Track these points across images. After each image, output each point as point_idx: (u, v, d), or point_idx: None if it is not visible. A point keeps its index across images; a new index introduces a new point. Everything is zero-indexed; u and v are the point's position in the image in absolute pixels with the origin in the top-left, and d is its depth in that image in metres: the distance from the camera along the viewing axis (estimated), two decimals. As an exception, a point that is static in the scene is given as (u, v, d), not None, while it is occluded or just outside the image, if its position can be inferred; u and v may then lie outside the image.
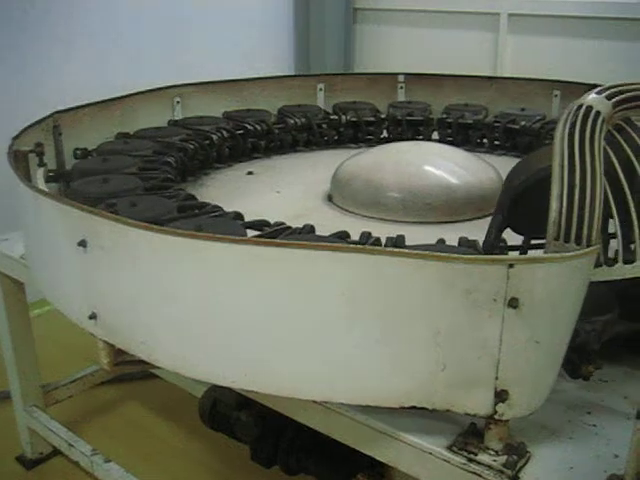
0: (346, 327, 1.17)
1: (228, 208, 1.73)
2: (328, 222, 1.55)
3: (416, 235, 1.48)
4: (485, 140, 2.75)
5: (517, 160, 1.56)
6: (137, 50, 3.65)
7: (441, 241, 1.51)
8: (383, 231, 1.49)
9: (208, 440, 2.32)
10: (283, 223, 1.60)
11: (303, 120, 2.78)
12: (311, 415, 1.42)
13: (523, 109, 2.75)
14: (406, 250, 1.11)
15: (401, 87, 3.12)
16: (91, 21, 3.48)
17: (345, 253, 1.14)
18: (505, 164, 1.78)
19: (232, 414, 1.88)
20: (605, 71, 3.65)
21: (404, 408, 1.22)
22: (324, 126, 2.84)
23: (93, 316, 1.46)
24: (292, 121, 2.76)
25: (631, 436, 1.06)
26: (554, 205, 1.17)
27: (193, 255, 1.25)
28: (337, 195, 2.06)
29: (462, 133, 2.76)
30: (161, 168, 2.06)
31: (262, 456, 1.88)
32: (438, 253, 1.09)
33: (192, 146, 2.35)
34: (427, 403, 1.21)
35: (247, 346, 1.26)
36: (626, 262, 1.21)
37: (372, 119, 2.87)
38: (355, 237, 1.55)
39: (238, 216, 1.69)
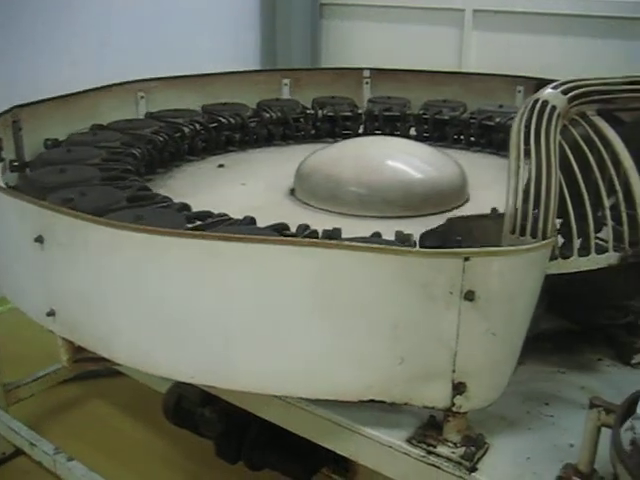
0: (304, 322, 1.17)
1: (191, 200, 1.72)
2: (285, 215, 1.55)
3: (371, 230, 1.48)
4: (462, 136, 2.76)
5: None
6: (101, 45, 3.62)
7: (377, 235, 1.50)
8: (338, 225, 1.49)
9: (173, 437, 2.30)
10: (226, 215, 1.60)
11: (279, 114, 2.78)
12: (272, 410, 1.42)
13: (501, 106, 2.76)
14: (363, 244, 1.11)
15: (366, 82, 3.12)
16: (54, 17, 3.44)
17: (302, 247, 1.14)
18: (480, 161, 1.81)
19: (196, 410, 1.87)
20: (569, 67, 3.69)
21: (363, 402, 1.22)
22: (301, 120, 2.84)
23: (51, 313, 1.44)
24: (268, 115, 2.76)
25: (584, 425, 1.08)
26: (510, 199, 1.19)
27: (147, 250, 1.24)
28: (299, 189, 2.07)
29: (439, 129, 2.77)
30: (123, 160, 2.05)
31: (227, 452, 1.88)
32: (395, 247, 1.10)
33: (162, 138, 2.34)
34: (386, 396, 1.21)
35: (205, 341, 1.25)
36: (581, 255, 1.23)
37: (349, 114, 2.87)
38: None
39: (184, 207, 1.68)
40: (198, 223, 1.55)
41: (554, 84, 1.31)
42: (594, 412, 1.06)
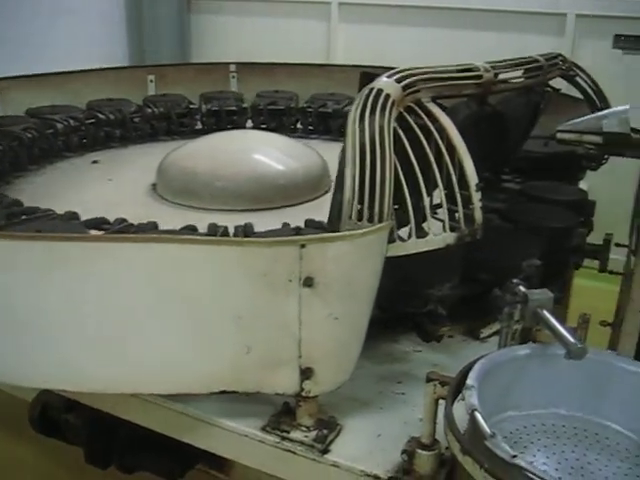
0: (148, 318, 1.17)
1: (54, 196, 1.71)
2: (138, 211, 1.54)
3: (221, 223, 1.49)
4: (299, 125, 2.84)
5: (332, 143, 1.61)
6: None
7: (286, 225, 1.52)
8: (189, 219, 1.50)
9: (41, 445, 2.22)
10: (51, 210, 1.59)
11: (162, 110, 2.76)
12: (130, 409, 1.41)
13: (332, 94, 2.85)
14: (201, 237, 1.11)
15: (233, 76, 3.12)
16: None
17: (143, 243, 1.14)
18: (321, 147, 1.85)
19: (61, 417, 1.82)
20: (434, 57, 3.80)
21: (214, 393, 1.22)
22: (187, 115, 2.83)
23: None
24: (150, 110, 2.74)
25: (424, 399, 1.13)
26: (347, 185, 1.21)
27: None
28: (159, 184, 2.06)
29: (276, 119, 2.82)
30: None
31: (96, 457, 1.84)
32: (233, 238, 1.11)
33: (30, 135, 2.29)
34: (237, 386, 1.22)
35: (53, 345, 1.22)
36: (419, 237, 1.27)
37: (234, 108, 2.87)
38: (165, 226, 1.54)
39: (14, 203, 1.66)
40: (23, 217, 1.53)
41: (389, 73, 1.35)
42: (430, 386, 1.10)
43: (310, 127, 2.84)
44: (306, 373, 1.19)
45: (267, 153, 2.02)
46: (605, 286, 2.36)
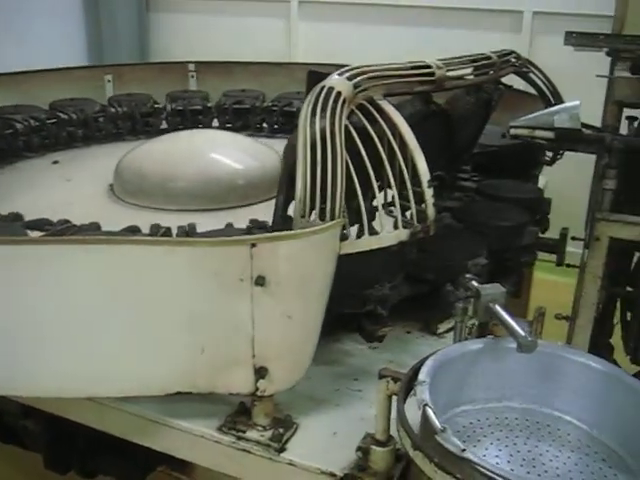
0: (100, 320, 1.15)
1: (12, 197, 1.69)
2: (93, 211, 1.53)
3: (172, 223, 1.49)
4: (265, 124, 2.85)
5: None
6: None
7: (229, 225, 1.51)
8: (142, 219, 1.49)
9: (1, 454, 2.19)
10: (47, 219, 1.56)
11: (125, 109, 2.75)
12: (85, 413, 1.40)
13: (299, 92, 2.85)
14: (151, 238, 1.11)
15: (192, 75, 3.10)
16: None
17: (93, 245, 1.12)
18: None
19: (18, 423, 1.79)
20: (393, 54, 3.82)
21: (170, 395, 1.22)
22: (152, 115, 2.82)
23: None
24: (114, 110, 2.73)
25: (376, 396, 1.13)
26: (299, 183, 1.21)
27: None
28: (115, 184, 2.04)
29: (241, 118, 2.83)
30: None
31: (56, 463, 1.82)
32: (184, 239, 1.10)
33: None
34: (191, 387, 1.21)
35: (1, 350, 1.20)
36: (372, 234, 1.28)
37: (199, 107, 2.87)
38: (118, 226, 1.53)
39: (17, 217, 1.64)
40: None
41: (340, 70, 1.35)
42: (383, 382, 1.11)
43: (275, 126, 2.85)
44: (260, 372, 1.18)
45: (221, 153, 2.01)
46: (566, 279, 2.40)
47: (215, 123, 2.89)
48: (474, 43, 2.88)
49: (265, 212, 1.56)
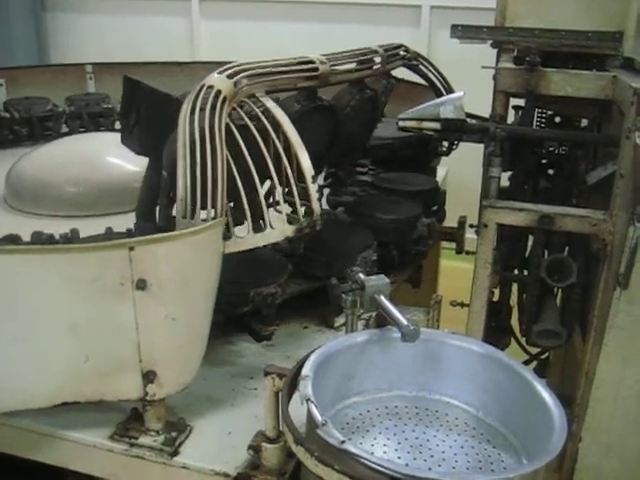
0: (-23, 333, 1.11)
1: None
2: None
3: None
4: None
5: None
6: None
7: (109, 230, 1.48)
8: (27, 227, 1.44)
9: None
10: None
11: (22, 114, 2.69)
12: (-28, 430, 1.34)
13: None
14: (24, 247, 1.08)
15: (90, 77, 3.03)
16: None
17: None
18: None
19: None
20: (294, 50, 3.83)
21: (56, 405, 1.18)
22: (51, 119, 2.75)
23: None
24: (9, 115, 2.68)
25: (264, 393, 1.13)
26: (180, 183, 1.20)
27: None
28: (7, 192, 1.97)
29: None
30: None
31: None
32: (58, 246, 1.07)
33: None
34: (78, 397, 1.18)
35: None
36: (256, 231, 1.28)
37: (100, 111, 2.82)
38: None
39: None
40: None
41: (220, 69, 1.34)
42: (269, 379, 1.11)
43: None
44: (149, 377, 1.17)
45: (116, 156, 1.96)
46: (469, 266, 2.46)
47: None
48: (375, 38, 2.92)
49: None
